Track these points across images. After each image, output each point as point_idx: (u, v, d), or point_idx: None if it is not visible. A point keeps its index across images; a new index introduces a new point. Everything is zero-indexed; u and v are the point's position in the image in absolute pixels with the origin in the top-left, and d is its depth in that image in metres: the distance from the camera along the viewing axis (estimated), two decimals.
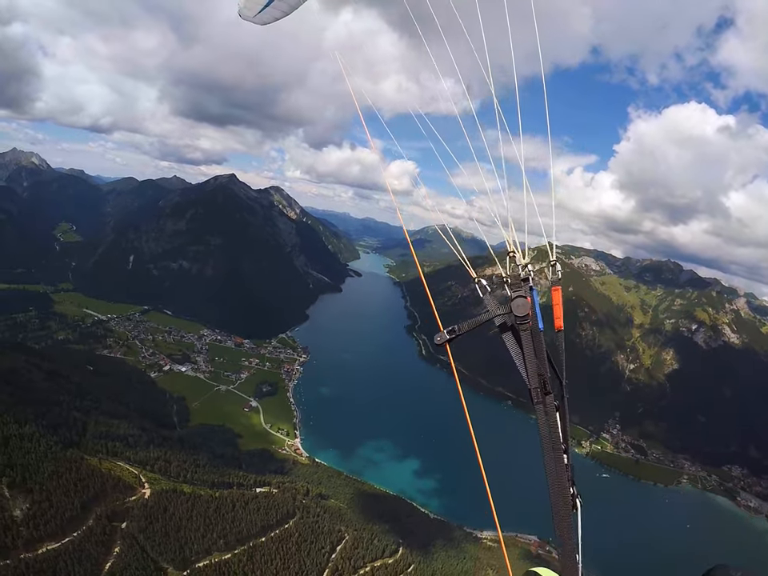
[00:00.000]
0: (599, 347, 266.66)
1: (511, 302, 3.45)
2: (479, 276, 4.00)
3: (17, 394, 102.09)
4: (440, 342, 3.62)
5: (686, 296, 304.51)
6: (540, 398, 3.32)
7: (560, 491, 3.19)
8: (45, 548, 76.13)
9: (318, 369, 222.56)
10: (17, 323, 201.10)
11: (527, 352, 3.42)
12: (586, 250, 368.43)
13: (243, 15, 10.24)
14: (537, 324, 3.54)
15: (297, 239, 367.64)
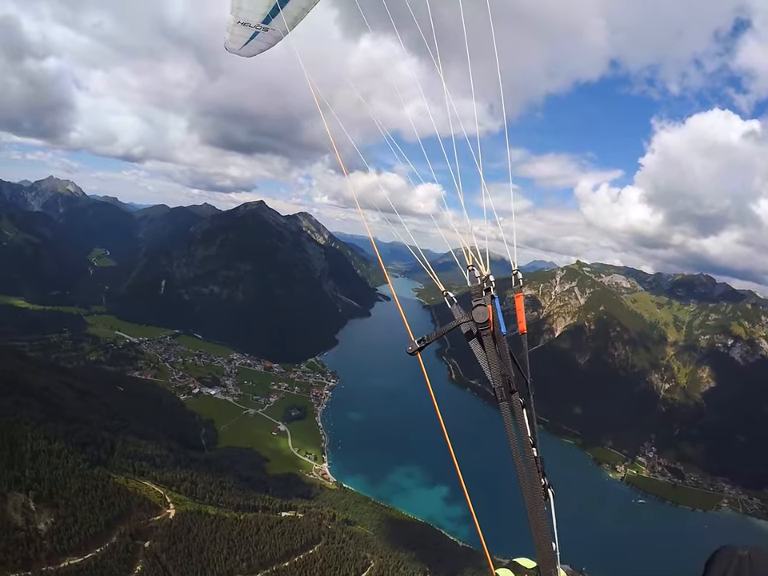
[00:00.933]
0: (633, 367, 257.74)
1: (472, 310, 3.86)
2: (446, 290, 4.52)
3: (48, 411, 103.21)
4: (411, 351, 4.00)
5: (720, 310, 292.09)
6: (504, 396, 3.59)
7: (531, 483, 3.39)
8: (67, 562, 75.94)
9: (346, 393, 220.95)
10: (51, 344, 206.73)
11: (490, 354, 3.78)
12: (615, 267, 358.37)
13: (229, 49, 10.51)
14: (499, 329, 3.91)
15: (326, 264, 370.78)
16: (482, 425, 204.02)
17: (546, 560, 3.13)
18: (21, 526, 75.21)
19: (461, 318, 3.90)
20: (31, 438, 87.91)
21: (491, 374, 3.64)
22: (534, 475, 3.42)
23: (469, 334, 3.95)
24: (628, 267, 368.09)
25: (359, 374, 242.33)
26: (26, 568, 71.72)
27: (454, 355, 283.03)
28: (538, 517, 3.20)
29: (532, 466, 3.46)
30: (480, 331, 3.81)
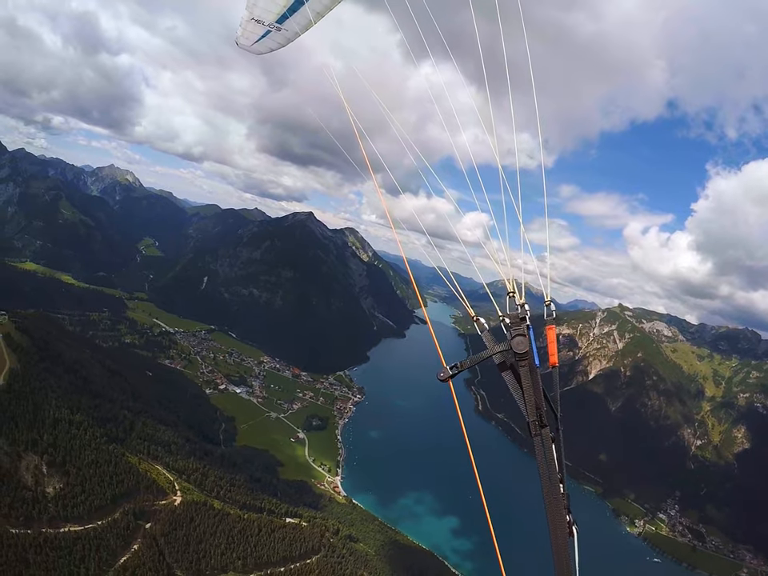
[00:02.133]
0: (665, 419, 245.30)
1: (511, 339, 3.83)
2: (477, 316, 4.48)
3: (75, 383, 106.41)
4: (443, 378, 4.03)
5: (763, 368, 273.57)
6: (537, 431, 3.66)
7: (558, 519, 3.43)
8: (67, 528, 77.51)
9: (370, 411, 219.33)
10: (90, 321, 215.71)
11: (526, 387, 3.76)
12: (658, 314, 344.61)
13: (240, 44, 10.67)
14: (533, 360, 3.90)
15: (366, 281, 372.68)
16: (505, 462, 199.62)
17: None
18: (29, 486, 77.26)
19: (498, 347, 3.77)
20: (55, 405, 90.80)
21: (526, 407, 3.56)
22: (561, 512, 3.40)
23: (502, 364, 3.88)
24: (671, 315, 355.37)
25: (385, 393, 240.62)
26: (27, 527, 73.46)
27: (483, 386, 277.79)
28: (561, 553, 3.17)
29: (559, 503, 3.43)
30: (517, 362, 3.73)
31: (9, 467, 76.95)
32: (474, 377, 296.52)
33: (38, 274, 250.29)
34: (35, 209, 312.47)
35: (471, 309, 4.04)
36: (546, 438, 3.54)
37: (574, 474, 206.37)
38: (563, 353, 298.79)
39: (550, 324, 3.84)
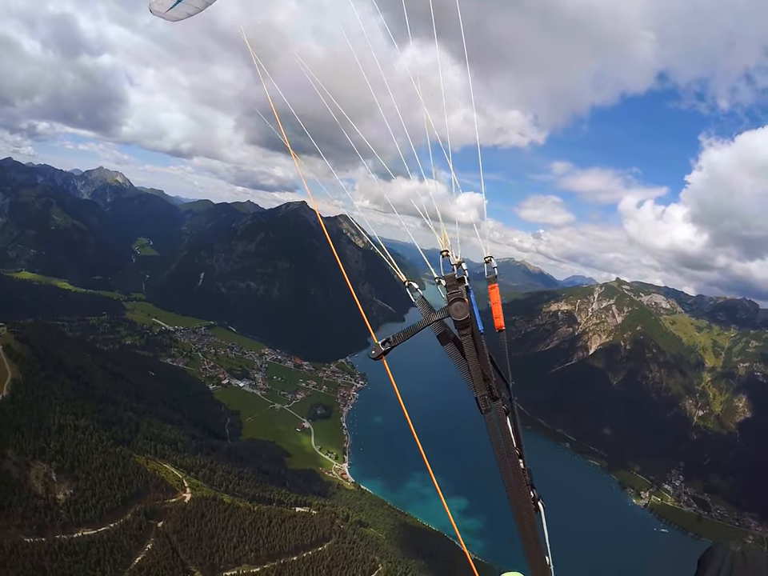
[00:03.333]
0: (667, 391, 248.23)
1: (448, 305, 3.27)
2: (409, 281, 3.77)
3: (78, 389, 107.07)
4: (375, 356, 3.51)
5: (762, 337, 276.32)
6: (488, 406, 3.25)
7: (521, 496, 3.17)
8: (81, 533, 78.82)
9: (373, 396, 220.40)
10: (89, 325, 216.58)
11: (470, 358, 3.30)
12: (656, 287, 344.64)
13: (154, 11, 9.78)
14: (477, 326, 3.39)
15: (363, 267, 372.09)
16: None
17: (539, 574, 2.96)
18: (40, 494, 78.51)
19: (435, 315, 3.32)
20: (59, 412, 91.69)
21: (472, 381, 3.25)
22: (523, 489, 3.18)
23: (443, 335, 3.45)
24: (669, 287, 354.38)
25: (388, 379, 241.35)
26: (41, 534, 74.75)
27: None
28: (528, 531, 3.01)
29: (520, 479, 3.21)
30: (458, 329, 3.31)
31: (19, 477, 78.12)
32: None
33: (34, 282, 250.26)
34: (26, 217, 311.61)
35: (402, 273, 3.64)
36: (500, 411, 3.28)
37: (579, 449, 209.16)
38: (563, 329, 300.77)
39: (492, 283, 3.54)
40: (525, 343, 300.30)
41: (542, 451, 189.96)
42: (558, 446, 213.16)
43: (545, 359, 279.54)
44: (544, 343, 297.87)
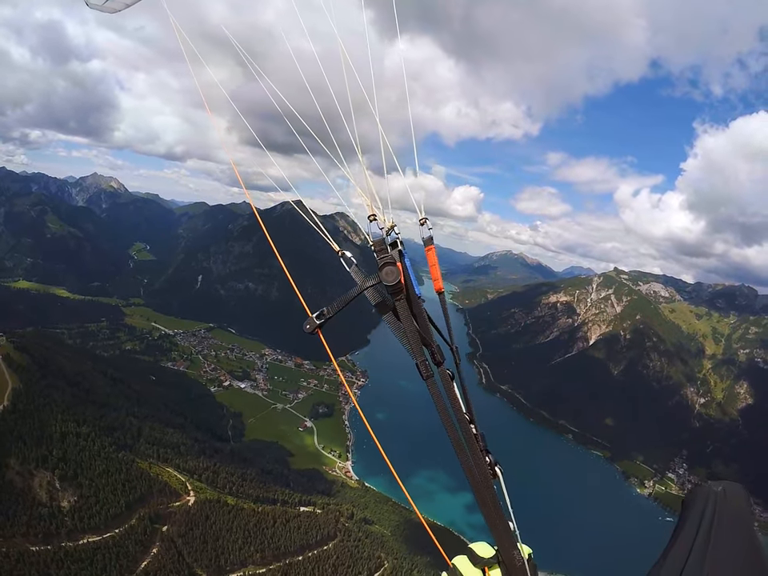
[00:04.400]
0: (668, 379, 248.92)
1: (379, 270, 3.05)
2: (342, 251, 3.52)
3: (79, 396, 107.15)
4: (310, 330, 3.24)
5: (761, 323, 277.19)
6: (429, 372, 3.02)
7: (476, 462, 3.03)
8: (86, 540, 79.08)
9: (375, 393, 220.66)
10: (89, 332, 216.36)
11: (406, 323, 3.09)
12: (654, 275, 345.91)
13: (90, 4, 9.86)
14: (413, 291, 3.20)
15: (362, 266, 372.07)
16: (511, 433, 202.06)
17: (505, 542, 2.79)
18: (45, 503, 78.59)
19: (368, 282, 3.10)
20: (61, 420, 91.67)
21: (411, 347, 3.01)
22: (477, 455, 2.99)
23: (381, 304, 3.20)
24: (667, 276, 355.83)
25: (389, 375, 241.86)
26: (47, 543, 74.89)
27: (486, 360, 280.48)
28: (487, 499, 2.85)
29: (473, 445, 3.01)
30: (391, 295, 3.07)
31: (22, 486, 78.13)
32: (476, 351, 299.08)
33: (31, 291, 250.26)
34: (22, 226, 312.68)
35: (334, 243, 3.48)
36: (444, 376, 3.07)
37: (581, 440, 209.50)
38: (562, 320, 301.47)
39: (428, 245, 3.33)
40: (524, 335, 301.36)
41: (544, 443, 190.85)
42: (561, 437, 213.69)
43: (545, 351, 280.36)
44: (544, 335, 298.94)
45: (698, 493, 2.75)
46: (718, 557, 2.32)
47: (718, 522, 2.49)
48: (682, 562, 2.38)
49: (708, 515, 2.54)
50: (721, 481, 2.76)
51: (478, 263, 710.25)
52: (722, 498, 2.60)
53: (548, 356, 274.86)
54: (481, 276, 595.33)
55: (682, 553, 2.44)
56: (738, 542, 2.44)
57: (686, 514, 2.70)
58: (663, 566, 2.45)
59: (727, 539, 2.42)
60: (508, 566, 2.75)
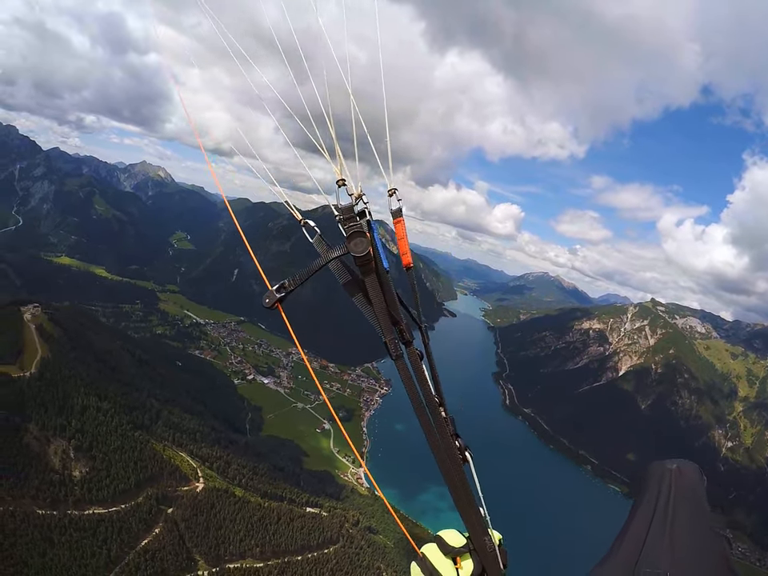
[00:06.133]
0: (696, 419, 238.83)
1: (347, 240, 2.77)
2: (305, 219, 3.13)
3: (105, 372, 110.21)
4: (269, 305, 2.92)
5: None
6: (398, 350, 2.82)
7: (445, 447, 2.88)
8: (92, 510, 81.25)
9: (396, 403, 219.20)
10: (123, 312, 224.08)
11: (375, 299, 2.84)
12: (692, 309, 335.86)
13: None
14: (382, 265, 2.94)
15: (395, 273, 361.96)
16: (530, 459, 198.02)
17: (476, 528, 2.70)
18: (57, 470, 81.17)
19: (334, 252, 2.81)
20: (83, 393, 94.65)
21: (380, 325, 2.78)
22: (447, 439, 2.84)
23: (349, 283, 2.94)
24: (705, 311, 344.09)
25: None
26: (54, 508, 77.24)
27: (511, 380, 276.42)
28: (457, 483, 2.74)
29: (443, 429, 2.86)
30: (359, 267, 2.79)
31: (38, 451, 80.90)
32: (503, 371, 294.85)
33: (72, 267, 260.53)
34: (70, 205, 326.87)
35: (297, 213, 3.07)
36: (413, 356, 2.86)
37: (600, 473, 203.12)
38: (593, 348, 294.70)
39: (397, 217, 2.95)
40: (553, 360, 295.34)
41: (561, 471, 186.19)
42: (579, 468, 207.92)
43: (573, 378, 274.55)
44: (573, 361, 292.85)
45: (654, 471, 2.75)
46: (677, 531, 2.36)
47: (674, 498, 2.51)
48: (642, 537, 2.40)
49: (664, 492, 2.56)
50: (674, 459, 2.78)
51: (514, 282, 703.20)
52: (677, 475, 2.62)
53: (575, 383, 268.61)
54: (515, 296, 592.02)
55: (642, 529, 2.46)
56: (694, 517, 2.46)
57: (642, 491, 2.70)
58: (623, 542, 2.47)
59: (684, 514, 2.45)
60: (479, 553, 2.65)
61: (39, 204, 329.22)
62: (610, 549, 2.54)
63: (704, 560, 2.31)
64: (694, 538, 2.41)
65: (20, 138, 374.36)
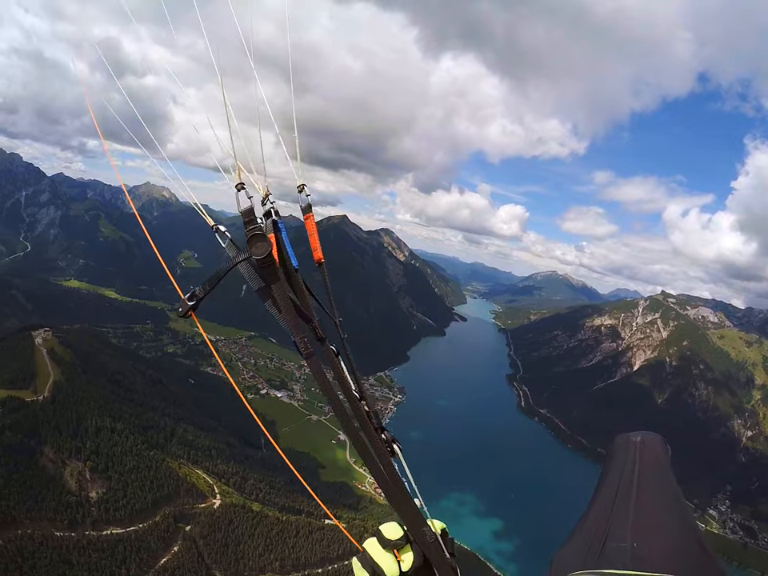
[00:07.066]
0: (714, 410, 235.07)
1: (247, 242, 2.57)
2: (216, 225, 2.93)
3: (118, 393, 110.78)
4: (182, 313, 2.72)
5: None
6: (309, 348, 2.61)
7: (370, 442, 2.70)
8: (110, 531, 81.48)
9: (411, 411, 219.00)
10: (133, 333, 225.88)
11: (280, 297, 2.65)
12: (703, 299, 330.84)
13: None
14: (290, 264, 2.82)
15: (404, 281, 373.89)
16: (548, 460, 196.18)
17: (412, 520, 2.58)
18: (74, 491, 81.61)
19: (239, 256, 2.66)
20: (97, 414, 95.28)
21: (287, 324, 2.62)
22: (371, 433, 2.70)
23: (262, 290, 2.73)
24: (716, 300, 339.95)
25: (426, 393, 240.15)
26: (71, 529, 77.57)
27: (526, 382, 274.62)
28: (387, 477, 2.61)
29: (366, 423, 2.71)
30: (262, 268, 2.61)
31: (54, 474, 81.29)
32: (516, 372, 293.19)
33: (81, 290, 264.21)
34: (76, 229, 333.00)
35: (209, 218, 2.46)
36: (328, 353, 2.76)
37: None
38: (606, 344, 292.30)
39: (306, 213, 2.89)
40: (566, 359, 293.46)
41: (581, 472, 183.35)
42: (598, 466, 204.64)
43: (587, 376, 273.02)
44: (586, 359, 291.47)
45: (618, 444, 2.79)
46: (642, 502, 2.39)
47: (639, 469, 2.54)
48: (608, 511, 2.41)
49: (629, 464, 2.59)
50: (639, 431, 2.80)
51: (522, 283, 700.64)
52: (641, 446, 2.65)
53: (590, 381, 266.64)
54: (525, 296, 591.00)
55: (608, 503, 2.47)
56: (659, 487, 2.51)
57: (609, 463, 2.73)
58: (588, 520, 2.46)
59: (649, 484, 2.48)
60: (419, 544, 2.51)
61: (46, 229, 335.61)
62: (573, 529, 2.49)
63: (670, 529, 2.30)
64: (659, 508, 2.43)
65: (24, 165, 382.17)
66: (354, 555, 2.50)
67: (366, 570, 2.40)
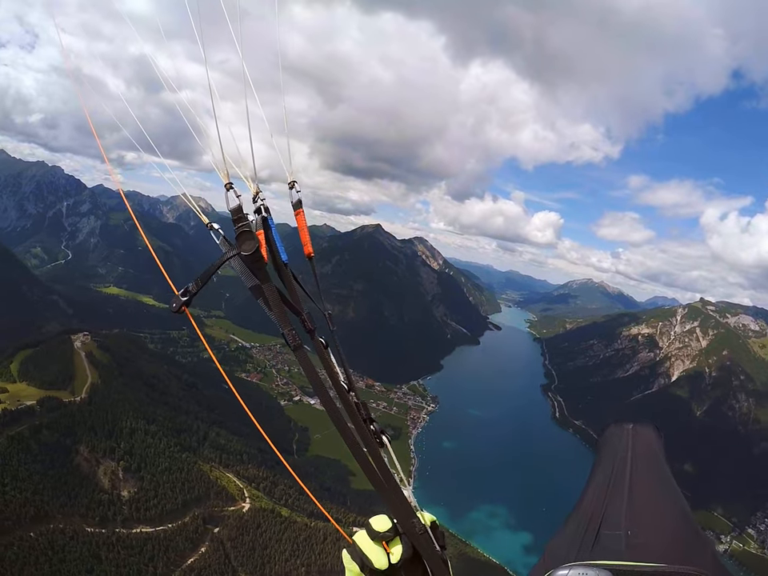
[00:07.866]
0: (755, 423, 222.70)
1: (236, 239, 2.58)
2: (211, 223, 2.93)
3: (153, 396, 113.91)
4: (176, 309, 2.72)
5: None
6: (297, 341, 2.57)
7: (359, 434, 2.67)
8: (139, 529, 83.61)
9: (444, 420, 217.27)
10: (170, 338, 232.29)
11: (269, 290, 2.61)
12: (743, 306, 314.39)
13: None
14: (280, 259, 2.78)
15: (438, 289, 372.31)
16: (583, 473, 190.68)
17: (401, 512, 2.54)
18: (106, 490, 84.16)
19: (231, 251, 2.61)
20: (132, 416, 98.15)
21: (276, 316, 2.62)
22: (360, 424, 2.67)
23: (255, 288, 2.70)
24: (757, 307, 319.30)
25: (459, 402, 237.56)
26: (102, 526, 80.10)
27: (561, 392, 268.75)
28: (374, 469, 2.55)
29: (354, 415, 2.68)
30: (251, 264, 2.58)
31: (88, 472, 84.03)
32: (552, 382, 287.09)
33: (120, 297, 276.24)
34: (116, 238, 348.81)
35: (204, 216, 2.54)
36: (317, 344, 2.70)
37: None
38: (643, 354, 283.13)
39: (297, 209, 2.81)
40: (603, 369, 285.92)
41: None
42: None
43: (623, 386, 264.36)
44: (623, 369, 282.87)
45: (612, 431, 2.83)
46: (635, 488, 2.38)
47: (632, 457, 2.56)
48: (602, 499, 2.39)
49: (621, 451, 2.60)
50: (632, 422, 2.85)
51: (558, 291, 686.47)
52: (633, 434, 2.69)
53: (626, 392, 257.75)
54: (560, 305, 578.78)
55: (602, 492, 2.45)
56: (652, 473, 2.53)
57: (602, 451, 2.77)
58: (580, 509, 2.45)
59: (642, 471, 2.49)
60: (409, 536, 2.46)
61: (87, 238, 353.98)
62: (567, 518, 2.48)
63: (664, 516, 2.30)
64: (653, 496, 2.43)
65: (66, 177, 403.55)
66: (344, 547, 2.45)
67: (356, 561, 2.35)
